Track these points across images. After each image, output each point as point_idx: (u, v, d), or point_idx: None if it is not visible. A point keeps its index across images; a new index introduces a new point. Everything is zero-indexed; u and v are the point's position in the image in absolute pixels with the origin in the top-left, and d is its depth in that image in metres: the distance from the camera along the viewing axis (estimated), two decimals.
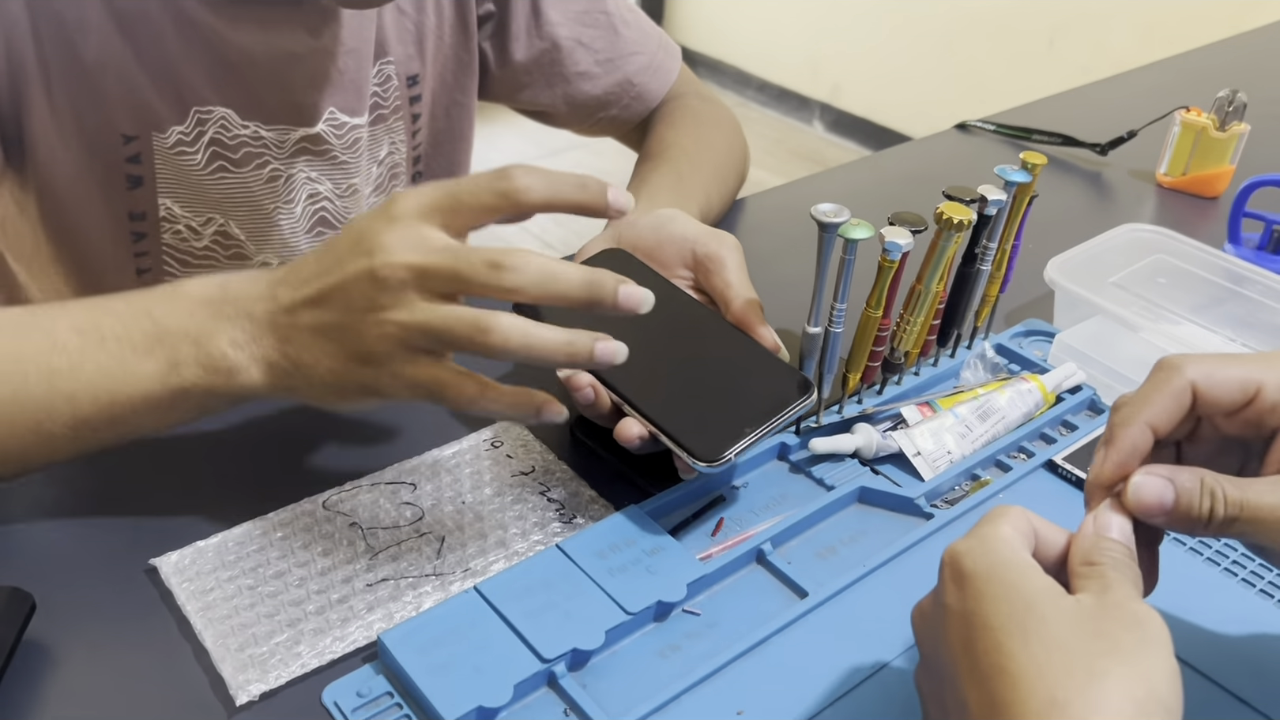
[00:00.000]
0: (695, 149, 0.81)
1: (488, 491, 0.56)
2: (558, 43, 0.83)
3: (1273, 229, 0.81)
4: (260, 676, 0.46)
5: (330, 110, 0.72)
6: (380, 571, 0.51)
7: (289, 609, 0.49)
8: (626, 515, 0.53)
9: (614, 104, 0.87)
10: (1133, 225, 0.77)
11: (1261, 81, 1.17)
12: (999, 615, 0.37)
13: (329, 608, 0.49)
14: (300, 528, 0.53)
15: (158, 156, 0.68)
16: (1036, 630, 0.36)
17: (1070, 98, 1.18)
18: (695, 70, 0.96)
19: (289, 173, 0.73)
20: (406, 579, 0.51)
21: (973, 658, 0.37)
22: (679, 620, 0.50)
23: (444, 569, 0.52)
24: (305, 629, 0.48)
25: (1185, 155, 0.94)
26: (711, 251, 0.60)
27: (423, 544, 0.53)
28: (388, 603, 0.50)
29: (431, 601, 0.50)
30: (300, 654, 0.47)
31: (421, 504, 0.55)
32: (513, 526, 0.54)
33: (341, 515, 0.54)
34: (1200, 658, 0.49)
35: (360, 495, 0.56)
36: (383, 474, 0.57)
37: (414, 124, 0.80)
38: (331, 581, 0.51)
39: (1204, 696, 0.47)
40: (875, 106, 3.27)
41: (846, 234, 0.53)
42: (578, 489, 0.57)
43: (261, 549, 0.52)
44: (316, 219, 0.76)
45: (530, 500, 0.56)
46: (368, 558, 0.52)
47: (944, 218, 0.56)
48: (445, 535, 0.54)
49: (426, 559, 0.52)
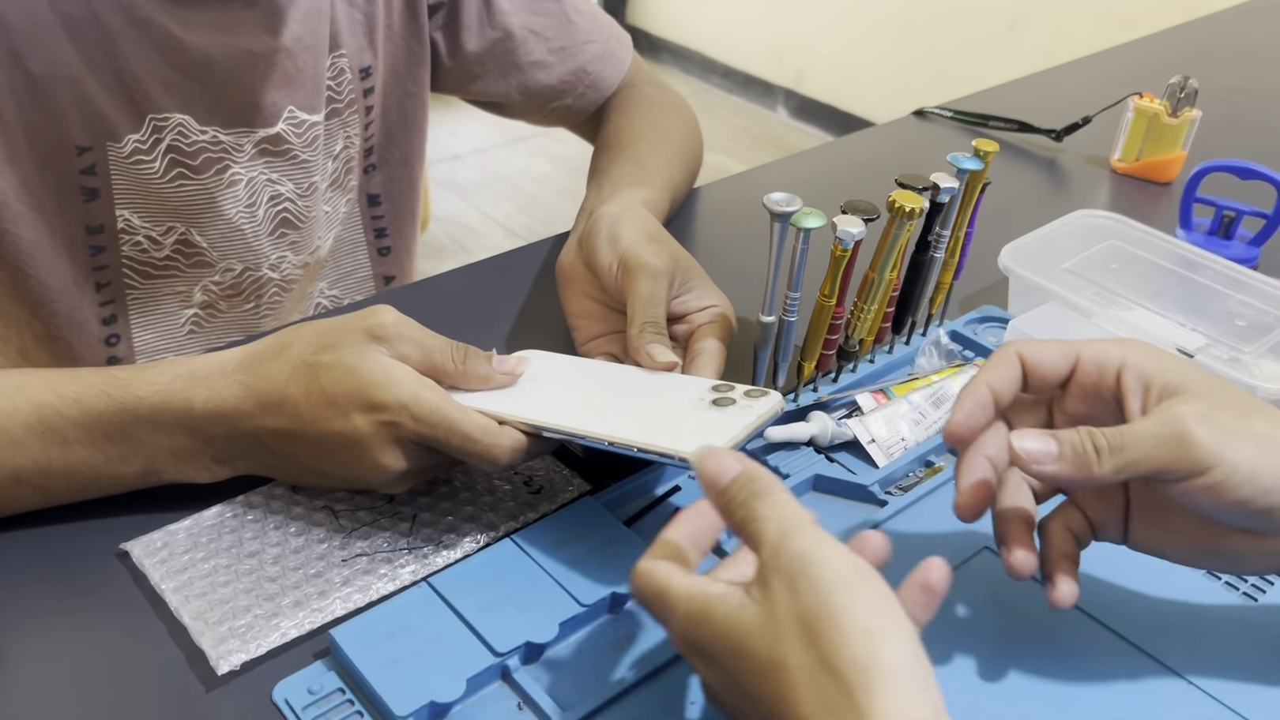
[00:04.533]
0: (653, 135, 0.81)
1: (460, 470, 0.57)
2: (510, 32, 0.82)
3: (1223, 214, 0.82)
4: (241, 647, 0.46)
5: (289, 109, 0.71)
6: (354, 548, 0.52)
7: (266, 584, 0.50)
8: (582, 507, 0.53)
9: (568, 93, 0.86)
10: (1086, 211, 0.78)
11: (1213, 67, 1.18)
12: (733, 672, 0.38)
13: (305, 582, 0.50)
14: (272, 510, 0.54)
15: (114, 167, 0.66)
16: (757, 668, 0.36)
17: (1028, 84, 1.19)
18: (659, 57, 0.95)
19: (250, 175, 0.71)
20: (381, 553, 0.52)
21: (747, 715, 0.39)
22: (634, 611, 0.50)
23: (416, 543, 0.52)
24: (283, 603, 0.49)
25: (1139, 141, 0.95)
26: (627, 279, 0.59)
27: (396, 522, 0.54)
28: (364, 575, 0.50)
29: (409, 573, 0.50)
30: (280, 624, 0.47)
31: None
32: (484, 498, 0.55)
33: (312, 497, 0.55)
34: (1130, 626, 0.50)
35: None
36: None
37: (367, 116, 0.79)
38: (307, 558, 0.51)
39: (1130, 662, 0.48)
40: (839, 93, 3.27)
41: (799, 223, 0.53)
42: (553, 466, 0.57)
43: (234, 530, 0.52)
44: (279, 220, 0.75)
45: (502, 476, 0.57)
46: (341, 536, 0.53)
47: (896, 206, 0.56)
48: (417, 513, 0.54)
49: (400, 535, 0.53)
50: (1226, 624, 0.51)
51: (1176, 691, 0.47)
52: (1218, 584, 0.53)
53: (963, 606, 0.51)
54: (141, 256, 0.69)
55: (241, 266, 0.74)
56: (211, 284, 0.73)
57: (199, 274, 0.72)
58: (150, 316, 0.72)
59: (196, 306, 0.74)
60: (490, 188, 2.78)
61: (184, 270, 0.72)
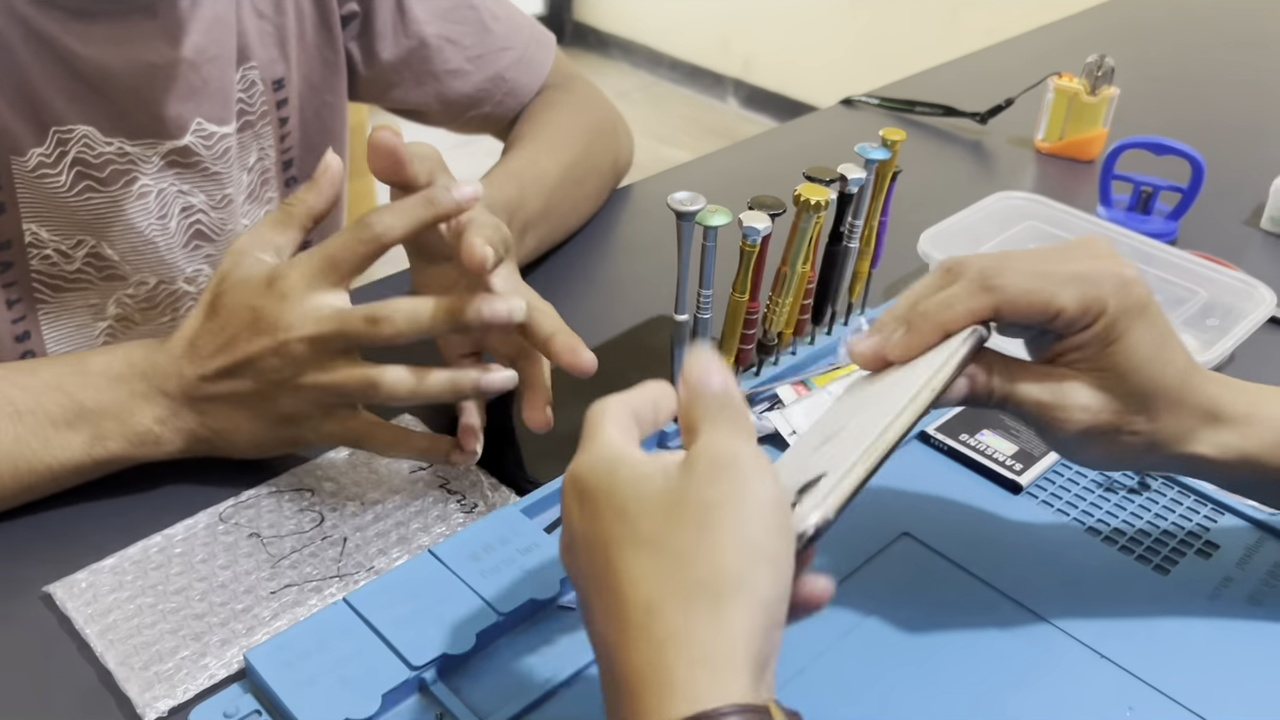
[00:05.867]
0: (536, 135, 0.81)
1: (387, 489, 0.57)
2: (425, 40, 0.82)
3: (1140, 190, 0.84)
4: (168, 692, 0.46)
5: (197, 121, 0.70)
6: (283, 578, 0.52)
7: (192, 623, 0.49)
8: (500, 515, 0.53)
9: (486, 101, 0.86)
10: (1005, 193, 0.79)
11: (1129, 45, 1.20)
12: (605, 530, 0.35)
13: (233, 618, 0.49)
14: (199, 542, 0.53)
15: (18, 181, 0.65)
16: (630, 535, 0.35)
17: (959, 66, 1.20)
18: (607, 52, 0.95)
19: (159, 187, 0.71)
20: (310, 583, 0.51)
21: (595, 579, 0.36)
22: (554, 617, 0.50)
23: (347, 569, 0.52)
24: (211, 641, 0.48)
25: (1060, 121, 0.96)
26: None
27: (326, 547, 0.53)
28: (293, 608, 0.50)
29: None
30: (208, 665, 0.47)
31: (321, 508, 0.56)
32: (415, 521, 0.55)
33: (240, 526, 0.54)
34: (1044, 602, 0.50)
35: (259, 504, 0.56)
36: (279, 480, 0.57)
37: (282, 128, 0.79)
38: (234, 592, 0.51)
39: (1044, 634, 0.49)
40: (787, 80, 3.29)
41: (704, 221, 0.54)
42: (477, 478, 0.58)
43: (160, 566, 0.52)
44: (192, 233, 0.74)
45: (431, 494, 0.57)
46: (269, 566, 0.52)
47: (801, 200, 0.56)
48: (347, 536, 0.54)
49: (330, 561, 0.52)
50: (1140, 597, 0.52)
51: (1092, 666, 0.48)
52: (1131, 557, 0.54)
53: (882, 592, 0.51)
54: (52, 270, 0.69)
55: (155, 280, 0.73)
56: (125, 297, 0.73)
57: (112, 287, 0.72)
58: (63, 330, 0.71)
59: (111, 319, 0.73)
60: None
61: (96, 283, 0.71)
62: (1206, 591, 0.52)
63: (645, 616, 0.33)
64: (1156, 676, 0.48)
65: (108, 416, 0.54)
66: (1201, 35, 1.32)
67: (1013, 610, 0.51)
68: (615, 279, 0.78)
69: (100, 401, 0.54)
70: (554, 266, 0.78)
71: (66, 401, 0.54)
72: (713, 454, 0.36)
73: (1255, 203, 0.90)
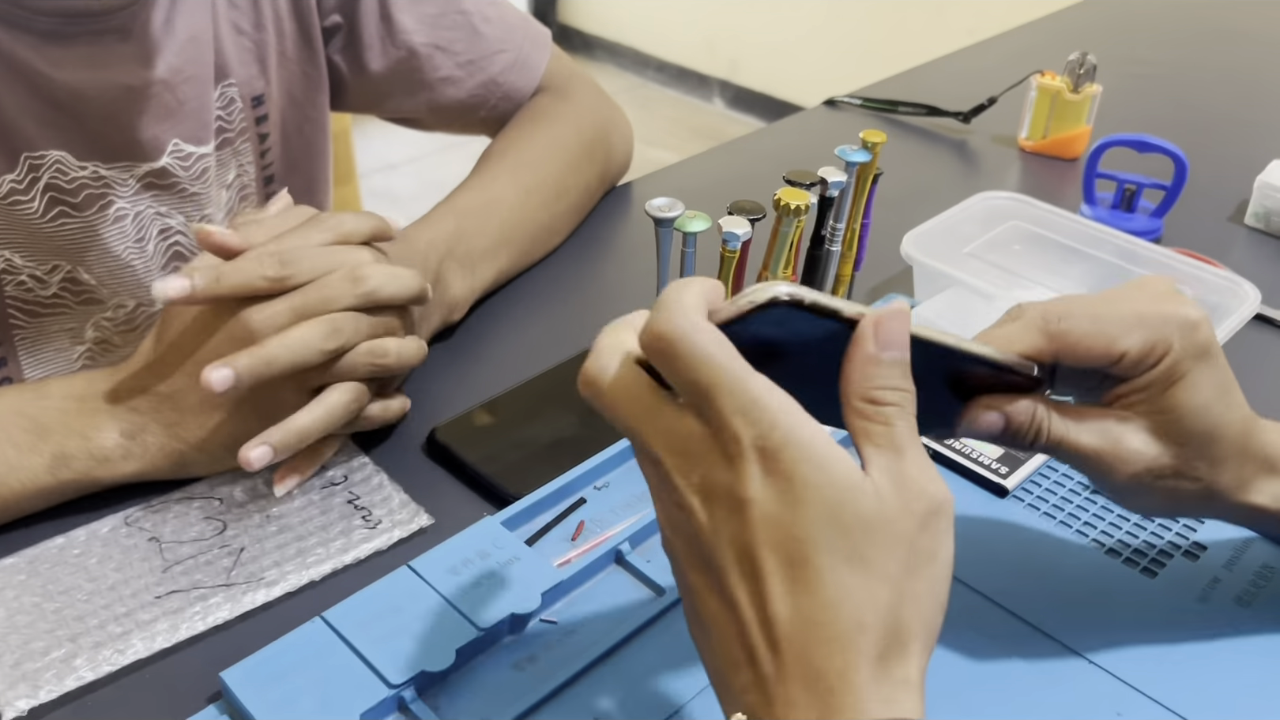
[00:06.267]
0: (507, 151, 0.79)
1: (296, 503, 0.56)
2: (414, 50, 0.81)
3: (1124, 188, 0.83)
4: (30, 692, 0.46)
5: (174, 142, 0.69)
6: (171, 584, 0.51)
7: (71, 624, 0.49)
8: (481, 528, 0.52)
9: (481, 106, 0.85)
10: (988, 193, 0.78)
11: (1111, 42, 1.20)
12: (808, 522, 0.33)
13: (111, 621, 0.49)
14: (99, 544, 0.53)
15: None
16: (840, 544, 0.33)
17: (943, 65, 1.20)
18: (593, 55, 0.94)
19: (136, 210, 0.70)
20: (197, 590, 0.51)
21: (782, 559, 0.34)
22: (536, 631, 0.49)
23: (237, 579, 0.51)
24: (84, 643, 0.48)
25: (1044, 119, 0.96)
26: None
27: (221, 556, 0.53)
28: (173, 615, 0.49)
29: (225, 612, 0.50)
30: (77, 668, 0.47)
31: (226, 517, 0.55)
32: (314, 536, 0.54)
33: (143, 530, 0.54)
34: (1047, 618, 0.50)
35: (168, 509, 0.55)
36: (196, 487, 0.56)
37: (262, 144, 0.78)
38: (120, 596, 0.50)
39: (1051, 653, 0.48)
40: (774, 81, 3.28)
41: (682, 227, 0.53)
42: (389, 494, 0.57)
43: (54, 565, 0.52)
44: (171, 254, 0.73)
45: (337, 509, 0.56)
46: (161, 571, 0.52)
47: (781, 204, 0.56)
48: (245, 547, 0.53)
49: (222, 570, 0.52)
50: (1127, 600, 0.51)
51: (1079, 671, 0.48)
52: (1118, 560, 0.53)
53: None
54: (27, 296, 0.68)
55: (134, 303, 0.72)
56: (104, 320, 0.72)
57: (89, 311, 0.71)
58: (41, 355, 0.70)
59: (89, 343, 0.72)
60: (427, 196, 2.73)
61: (73, 308, 0.70)
62: (1195, 594, 0.52)
63: (856, 633, 0.33)
64: (1145, 681, 0.47)
65: (71, 436, 0.53)
66: (1183, 31, 1.32)
67: (998, 615, 0.50)
68: (598, 284, 0.77)
69: (63, 421, 0.53)
70: (534, 272, 0.77)
71: (27, 424, 0.53)
72: (930, 496, 0.35)
73: (1239, 199, 0.90)
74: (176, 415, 0.54)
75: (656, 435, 0.36)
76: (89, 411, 0.54)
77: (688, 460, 0.35)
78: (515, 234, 0.74)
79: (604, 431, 0.60)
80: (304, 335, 0.53)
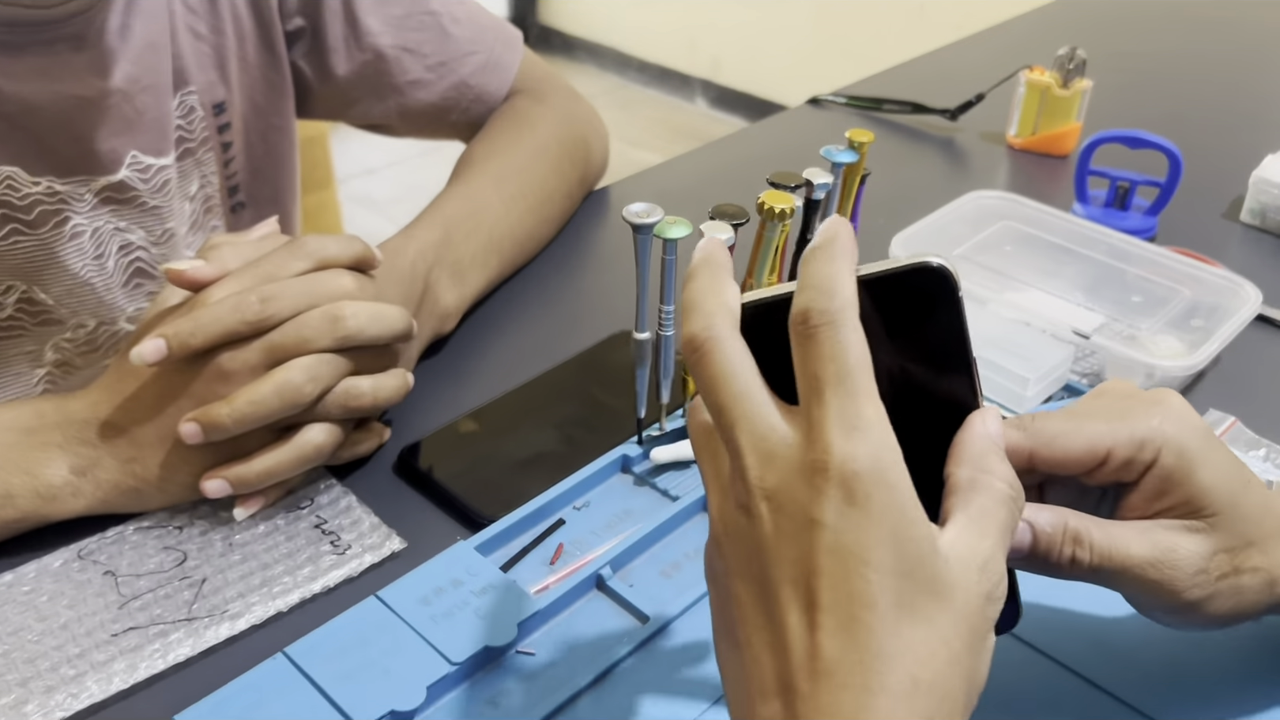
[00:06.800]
0: (486, 158, 0.75)
1: (260, 529, 0.53)
2: (381, 53, 0.77)
3: (1117, 185, 0.81)
4: None
5: (132, 154, 0.66)
6: (128, 621, 0.48)
7: (21, 667, 0.45)
8: (453, 554, 0.50)
9: (452, 109, 0.82)
10: (978, 193, 0.76)
11: (1101, 36, 1.18)
12: (874, 562, 0.31)
13: (64, 663, 0.46)
14: (50, 579, 0.50)
15: None
16: (904, 594, 0.31)
17: (927, 62, 1.17)
18: (574, 55, 0.90)
19: (94, 226, 0.66)
20: (156, 626, 0.48)
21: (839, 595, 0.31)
22: (512, 663, 0.46)
23: (199, 613, 0.48)
24: (35, 688, 0.45)
25: (1033, 115, 0.94)
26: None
27: (182, 588, 0.50)
28: (130, 654, 0.46)
29: (186, 648, 0.47)
30: (28, 715, 0.44)
31: (187, 546, 0.52)
32: (280, 564, 0.51)
33: (98, 563, 0.51)
34: (1061, 648, 0.47)
35: (124, 539, 0.52)
36: (152, 515, 0.53)
37: (225, 153, 0.74)
38: (73, 635, 0.47)
39: (1061, 684, 0.46)
40: (755, 80, 3.26)
41: (662, 234, 0.51)
42: (359, 516, 0.54)
43: (1, 605, 0.48)
44: (132, 270, 0.70)
45: (303, 534, 0.53)
46: (117, 607, 0.48)
47: (765, 208, 0.53)
48: (206, 578, 0.50)
49: (183, 604, 0.49)
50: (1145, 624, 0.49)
51: (1096, 703, 0.45)
52: None
53: None
54: None
55: (95, 322, 0.69)
56: (64, 341, 0.69)
57: (48, 332, 0.67)
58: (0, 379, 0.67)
59: (49, 365, 0.69)
60: (407, 200, 2.73)
61: (31, 329, 0.67)
62: None
63: (910, 689, 0.30)
64: (1165, 712, 0.45)
65: (15, 472, 0.50)
66: (1174, 24, 1.30)
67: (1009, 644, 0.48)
68: (576, 293, 0.75)
69: (6, 457, 0.50)
70: (508, 281, 0.74)
71: None
72: (996, 577, 0.33)
73: (1233, 195, 0.88)
74: (134, 451, 0.51)
75: (745, 425, 0.33)
76: (36, 445, 0.50)
77: (769, 463, 0.33)
78: (503, 242, 0.71)
79: (584, 447, 0.58)
80: (279, 389, 0.50)
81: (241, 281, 0.52)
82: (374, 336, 0.53)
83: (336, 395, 0.53)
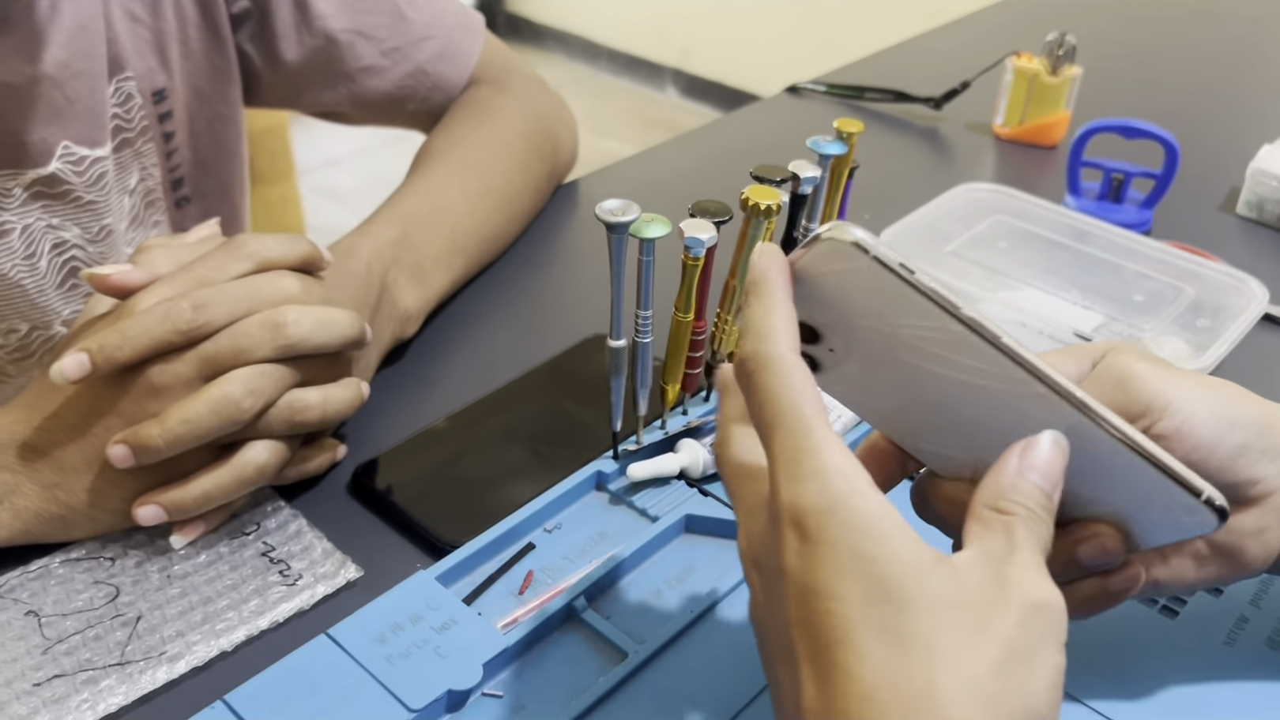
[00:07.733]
0: (448, 150, 0.71)
1: (201, 558, 0.48)
2: (333, 38, 0.72)
3: (1111, 177, 0.78)
4: None
5: (64, 144, 0.61)
6: (53, 668, 0.43)
7: None
8: (411, 585, 0.45)
9: (409, 98, 0.77)
10: (969, 185, 0.73)
11: (1091, 21, 1.14)
12: (849, 598, 0.29)
13: None
14: None
15: None
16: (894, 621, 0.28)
17: (908, 49, 1.14)
18: (543, 44, 0.85)
19: (24, 224, 0.61)
20: (85, 672, 0.43)
21: (812, 642, 0.29)
22: (478, 707, 0.42)
23: (132, 656, 0.44)
24: None
25: (1021, 104, 0.90)
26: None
27: (114, 628, 0.45)
28: (55, 705, 0.42)
29: (120, 697, 0.42)
30: None
31: (120, 579, 0.47)
32: (224, 598, 0.46)
33: (19, 602, 0.46)
34: None
35: (50, 574, 0.47)
36: (80, 547, 0.48)
37: (168, 144, 0.69)
38: None
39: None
40: (726, 69, 3.22)
41: (639, 233, 0.46)
42: (309, 543, 0.49)
43: None
44: (67, 271, 0.65)
45: (249, 563, 0.48)
46: (40, 652, 0.44)
47: (750, 204, 0.49)
48: (142, 615, 0.45)
49: (115, 646, 0.44)
50: (1147, 644, 0.46)
51: None
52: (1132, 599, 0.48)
53: None
54: None
55: (28, 327, 0.64)
56: None
57: None
58: None
59: None
60: (372, 192, 2.66)
61: None
62: (1221, 636, 0.46)
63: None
64: None
65: None
66: (1165, 9, 1.27)
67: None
68: (545, 295, 0.70)
69: None
70: (472, 283, 0.70)
71: None
72: (1029, 591, 0.30)
73: (1229, 186, 0.85)
74: (57, 475, 0.46)
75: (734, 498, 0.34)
76: None
77: (751, 526, 0.33)
78: (467, 240, 0.66)
79: (555, 463, 0.53)
80: (215, 405, 0.45)
81: (173, 286, 0.47)
82: (320, 344, 0.49)
83: (280, 409, 0.48)
